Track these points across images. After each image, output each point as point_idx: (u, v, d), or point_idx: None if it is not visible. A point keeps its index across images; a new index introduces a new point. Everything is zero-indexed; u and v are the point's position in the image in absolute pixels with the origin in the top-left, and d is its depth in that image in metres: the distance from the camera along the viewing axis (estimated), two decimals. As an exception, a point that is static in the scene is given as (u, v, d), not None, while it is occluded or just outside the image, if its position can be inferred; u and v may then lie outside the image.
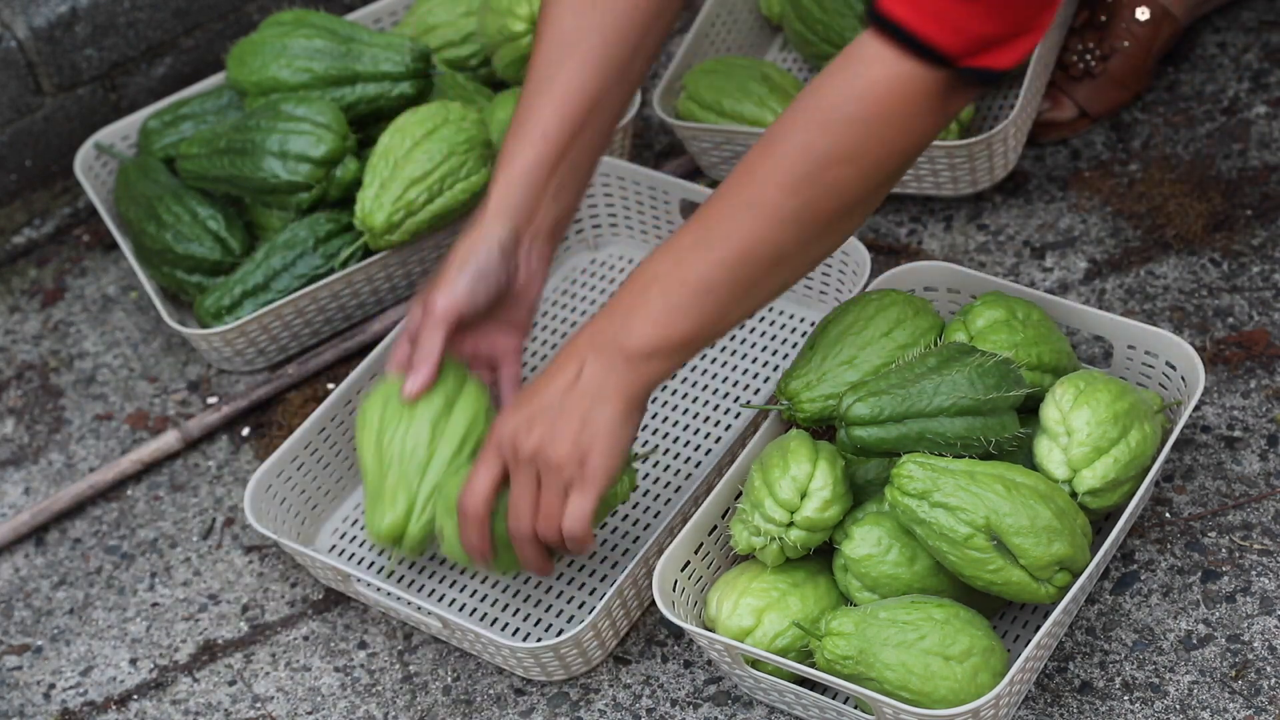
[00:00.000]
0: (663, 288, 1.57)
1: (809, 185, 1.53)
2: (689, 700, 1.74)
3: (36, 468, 2.03)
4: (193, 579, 1.91)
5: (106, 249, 2.23)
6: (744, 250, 1.55)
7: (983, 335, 1.74)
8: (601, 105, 1.72)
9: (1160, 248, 2.00)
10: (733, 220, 1.55)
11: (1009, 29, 1.49)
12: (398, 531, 1.75)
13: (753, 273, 1.57)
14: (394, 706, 1.78)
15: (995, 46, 1.49)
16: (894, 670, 1.59)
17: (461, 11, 2.19)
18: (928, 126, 1.54)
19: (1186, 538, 1.78)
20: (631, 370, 1.58)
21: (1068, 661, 1.71)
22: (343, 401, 1.90)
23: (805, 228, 1.55)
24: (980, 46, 1.49)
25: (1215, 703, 1.66)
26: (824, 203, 1.54)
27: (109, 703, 1.83)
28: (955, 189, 2.05)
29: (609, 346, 1.59)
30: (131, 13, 2.21)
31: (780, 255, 1.56)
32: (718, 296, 1.57)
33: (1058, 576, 1.63)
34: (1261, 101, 2.11)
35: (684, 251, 1.57)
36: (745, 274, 1.56)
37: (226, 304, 2.03)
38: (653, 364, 1.59)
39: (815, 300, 2.00)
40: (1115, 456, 1.66)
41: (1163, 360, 1.79)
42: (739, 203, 1.56)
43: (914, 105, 1.51)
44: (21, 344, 2.15)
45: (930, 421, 1.65)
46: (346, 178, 2.03)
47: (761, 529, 1.67)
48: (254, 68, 2.09)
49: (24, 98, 2.18)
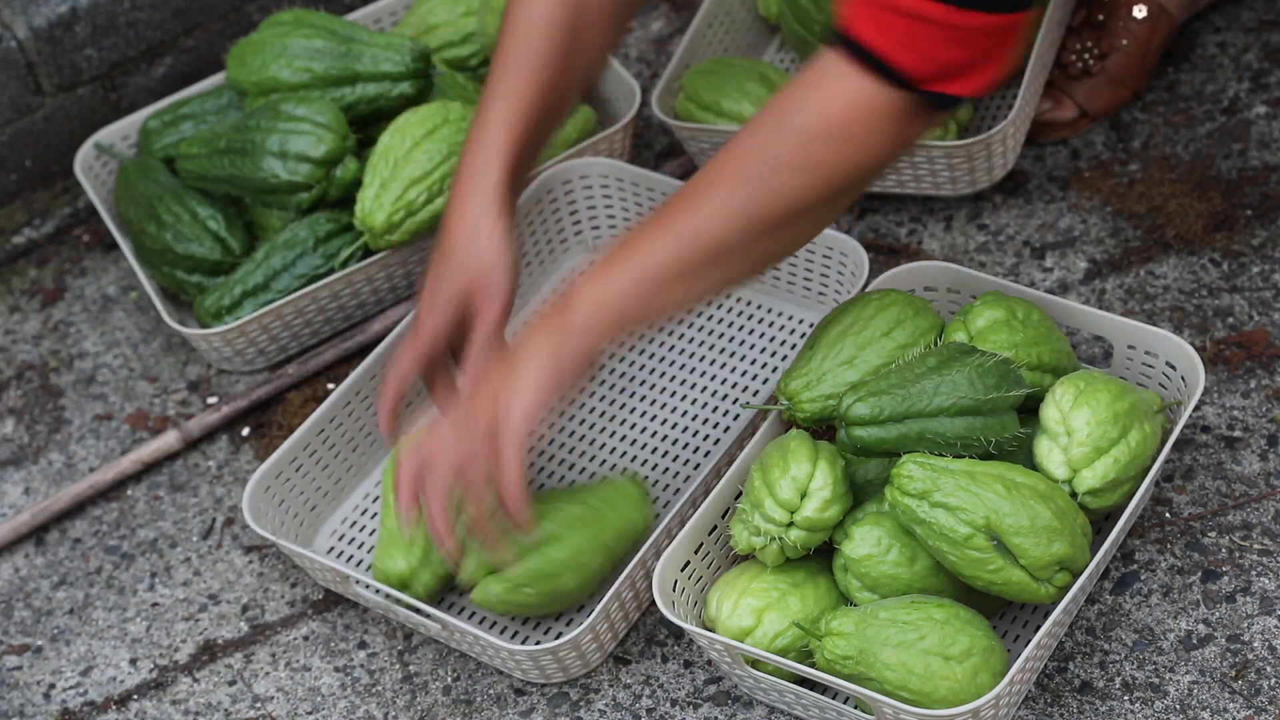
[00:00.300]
0: (610, 263, 1.60)
1: (759, 185, 1.55)
2: (689, 700, 1.74)
3: (36, 468, 2.03)
4: (193, 579, 1.91)
5: (106, 249, 2.23)
6: (690, 237, 1.57)
7: (983, 335, 1.74)
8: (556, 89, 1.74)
9: (1160, 248, 2.00)
10: (686, 209, 1.58)
11: (974, 56, 1.50)
12: (406, 579, 1.77)
13: (695, 259, 1.58)
14: (394, 706, 1.78)
15: (960, 74, 1.51)
16: (894, 670, 1.58)
17: (461, 11, 2.19)
18: (885, 146, 1.55)
19: (1186, 538, 1.78)
20: (564, 336, 1.60)
21: (1068, 661, 1.71)
22: (342, 403, 1.90)
23: (750, 224, 1.57)
24: (946, 73, 1.50)
25: (1215, 703, 1.66)
26: (772, 204, 1.56)
27: (109, 703, 1.83)
28: (955, 189, 2.05)
29: (544, 312, 1.61)
30: (131, 13, 2.21)
31: (722, 247, 1.58)
32: (657, 278, 1.58)
33: (1058, 576, 1.63)
34: (1261, 101, 2.11)
35: (639, 234, 1.60)
36: (688, 259, 1.58)
37: (226, 304, 2.03)
38: (587, 334, 1.60)
39: (815, 300, 2.00)
40: (1115, 456, 1.66)
41: (1163, 360, 1.79)
42: (695, 193, 1.58)
43: (873, 125, 1.53)
44: (21, 344, 2.15)
45: (930, 421, 1.65)
46: (346, 178, 2.03)
47: (761, 529, 1.67)
48: (254, 68, 2.09)
49: (24, 98, 2.18)
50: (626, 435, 1.94)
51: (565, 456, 1.93)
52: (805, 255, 1.97)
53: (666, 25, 2.36)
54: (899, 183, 2.06)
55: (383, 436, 1.78)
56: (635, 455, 1.92)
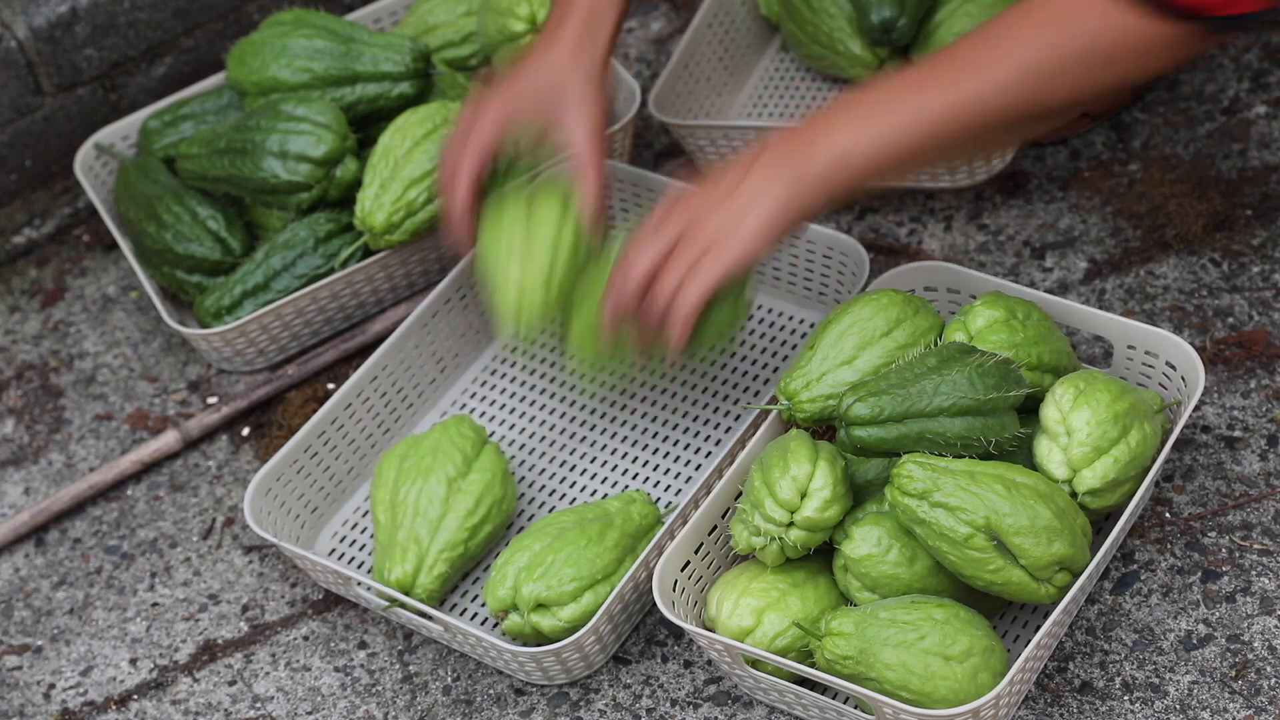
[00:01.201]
0: (860, 116, 1.59)
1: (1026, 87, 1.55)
2: (689, 700, 1.74)
3: (36, 468, 2.03)
4: (193, 579, 1.91)
5: (106, 249, 2.23)
6: (950, 117, 1.57)
7: (983, 335, 1.74)
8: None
9: (1160, 248, 2.00)
10: (948, 84, 1.57)
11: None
12: (405, 586, 1.77)
13: (944, 140, 1.58)
14: (394, 706, 1.78)
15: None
16: (894, 670, 1.59)
17: (461, 11, 2.19)
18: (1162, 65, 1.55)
19: (1186, 538, 1.78)
20: (799, 184, 1.59)
21: (1068, 661, 1.71)
22: (343, 405, 1.90)
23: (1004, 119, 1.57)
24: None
25: (1215, 703, 1.66)
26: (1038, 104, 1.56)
27: (109, 703, 1.83)
28: (952, 180, 2.05)
29: (785, 147, 1.60)
30: (131, 13, 2.21)
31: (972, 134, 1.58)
32: (902, 148, 1.58)
33: (1058, 576, 1.63)
34: (1261, 101, 2.11)
35: (898, 90, 1.59)
36: (939, 138, 1.58)
37: (226, 304, 2.03)
38: (821, 188, 1.60)
39: (815, 300, 2.00)
40: (1115, 456, 1.66)
41: (1163, 360, 1.79)
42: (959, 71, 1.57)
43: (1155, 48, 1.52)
44: (21, 344, 2.15)
45: (930, 421, 1.65)
46: (346, 178, 2.03)
47: (761, 529, 1.67)
48: (254, 68, 2.09)
49: (24, 98, 2.18)
50: (628, 436, 1.94)
51: (567, 458, 1.93)
52: (805, 255, 1.97)
53: (666, 25, 2.36)
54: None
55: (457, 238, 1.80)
56: (637, 456, 1.92)
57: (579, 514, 1.78)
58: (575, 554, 1.73)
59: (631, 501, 1.79)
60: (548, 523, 1.77)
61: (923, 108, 1.58)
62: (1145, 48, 1.52)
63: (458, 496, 1.79)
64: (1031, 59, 1.55)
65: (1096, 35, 1.52)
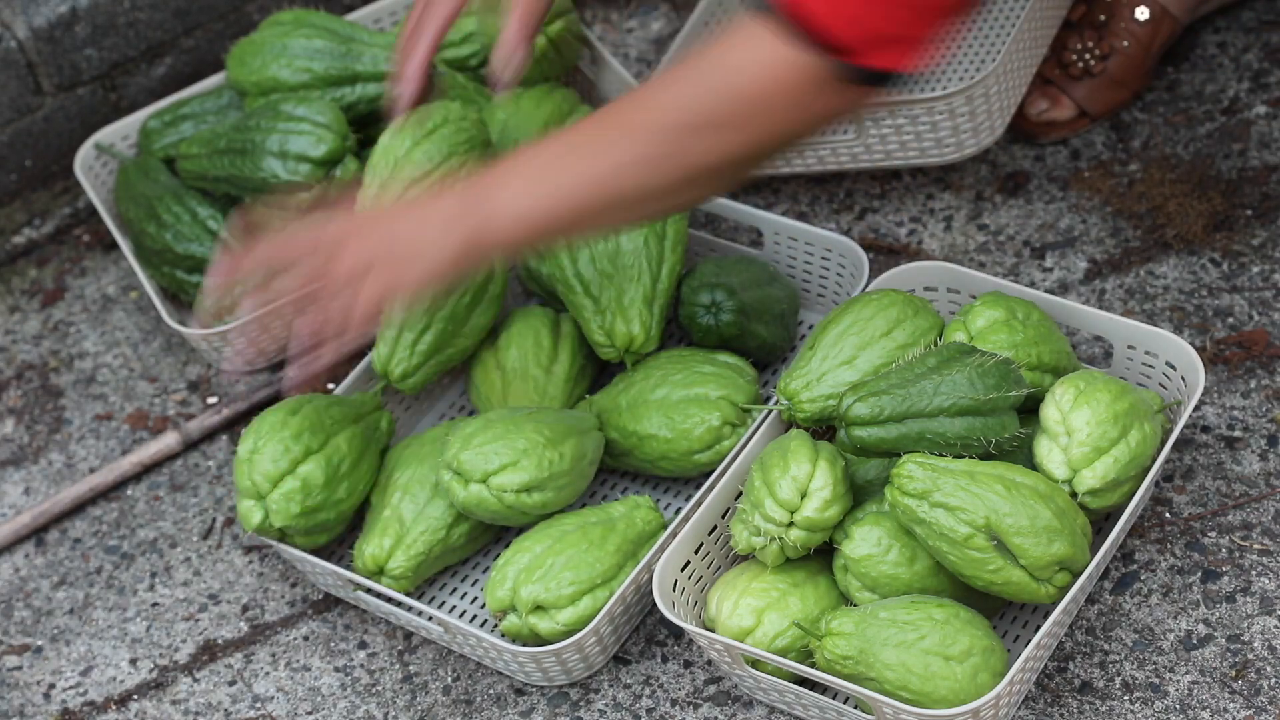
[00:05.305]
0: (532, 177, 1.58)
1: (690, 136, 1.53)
2: (689, 700, 1.74)
3: (36, 468, 2.03)
4: (193, 579, 1.91)
5: (106, 249, 2.23)
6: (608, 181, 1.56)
7: (983, 335, 1.74)
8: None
9: (1160, 248, 2.00)
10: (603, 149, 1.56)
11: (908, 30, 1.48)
12: (379, 562, 1.78)
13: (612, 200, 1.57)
14: (394, 706, 1.78)
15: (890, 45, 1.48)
16: (894, 670, 1.59)
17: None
18: (809, 116, 1.53)
19: (1186, 538, 1.78)
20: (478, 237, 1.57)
21: (1068, 661, 1.71)
22: (343, 402, 1.90)
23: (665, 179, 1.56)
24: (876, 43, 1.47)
25: (1215, 703, 1.66)
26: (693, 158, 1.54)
27: (109, 703, 1.83)
28: (940, 154, 2.02)
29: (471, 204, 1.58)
30: (131, 13, 2.21)
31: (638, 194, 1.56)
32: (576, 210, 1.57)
33: (1058, 576, 1.63)
34: (1261, 101, 2.11)
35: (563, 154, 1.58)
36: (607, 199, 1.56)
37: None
38: (500, 249, 1.59)
39: (815, 301, 2.00)
40: (1115, 456, 1.66)
41: (1163, 360, 1.79)
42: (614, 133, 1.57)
43: (798, 92, 1.50)
44: (21, 344, 2.15)
45: (930, 421, 1.65)
46: (346, 178, 2.03)
47: (761, 529, 1.67)
48: (254, 68, 2.09)
49: (24, 98, 2.18)
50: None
51: (565, 456, 1.93)
52: (805, 255, 1.97)
53: (666, 25, 2.36)
54: (886, 154, 2.04)
55: (402, 94, 1.86)
56: (635, 455, 1.92)
57: (582, 517, 1.78)
58: (575, 557, 1.73)
59: (636, 507, 1.78)
60: (551, 524, 1.77)
61: (588, 168, 1.56)
62: (794, 89, 1.49)
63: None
64: (693, 106, 1.53)
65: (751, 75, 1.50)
